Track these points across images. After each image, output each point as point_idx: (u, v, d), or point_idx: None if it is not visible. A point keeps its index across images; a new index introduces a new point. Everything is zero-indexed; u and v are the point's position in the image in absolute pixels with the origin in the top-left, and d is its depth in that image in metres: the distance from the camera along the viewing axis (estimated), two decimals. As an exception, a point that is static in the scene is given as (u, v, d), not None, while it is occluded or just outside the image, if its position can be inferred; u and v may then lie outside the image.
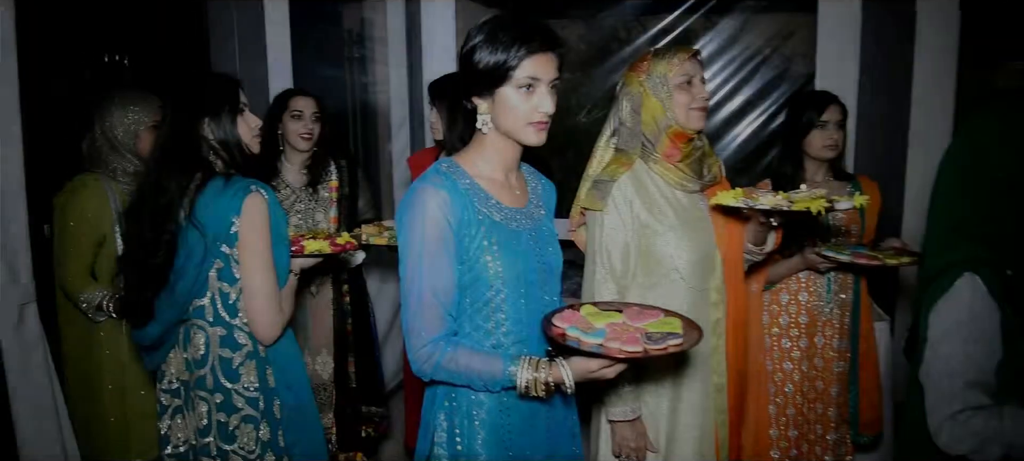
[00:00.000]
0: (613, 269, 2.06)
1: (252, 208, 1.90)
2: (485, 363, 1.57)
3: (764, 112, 4.28)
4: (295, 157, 3.04)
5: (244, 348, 1.99)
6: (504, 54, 1.55)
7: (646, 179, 2.09)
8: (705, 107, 2.07)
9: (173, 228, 1.91)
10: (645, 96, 2.08)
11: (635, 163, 2.10)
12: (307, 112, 2.96)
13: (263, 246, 1.92)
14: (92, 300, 2.59)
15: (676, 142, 2.07)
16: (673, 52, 2.08)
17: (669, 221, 2.06)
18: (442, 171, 1.65)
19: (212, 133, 1.97)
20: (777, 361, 2.77)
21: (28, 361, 2.26)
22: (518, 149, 1.70)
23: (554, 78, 1.60)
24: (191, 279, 1.92)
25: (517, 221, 1.70)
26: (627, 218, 2.05)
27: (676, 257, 2.05)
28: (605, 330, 1.59)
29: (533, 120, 1.59)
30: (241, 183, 1.93)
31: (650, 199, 2.07)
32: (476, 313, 1.65)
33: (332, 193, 3.09)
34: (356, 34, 4.91)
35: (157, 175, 1.93)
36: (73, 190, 2.66)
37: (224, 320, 1.97)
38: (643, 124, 2.09)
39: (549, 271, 1.76)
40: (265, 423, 2.01)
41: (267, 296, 1.94)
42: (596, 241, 2.08)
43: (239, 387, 1.99)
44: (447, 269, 1.59)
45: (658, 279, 2.07)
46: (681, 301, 2.01)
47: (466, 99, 1.67)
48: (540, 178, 1.90)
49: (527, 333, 1.69)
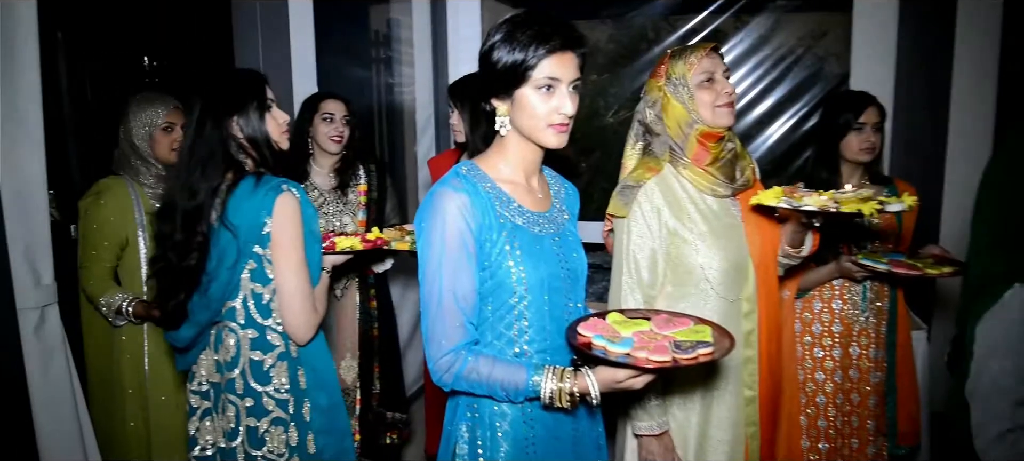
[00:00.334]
0: (640, 279, 1.99)
1: (284, 208, 1.87)
2: (508, 373, 1.52)
3: (796, 114, 4.19)
4: (324, 160, 3.01)
5: (276, 349, 1.97)
6: (523, 53, 1.49)
7: (675, 185, 2.02)
8: (731, 102, 1.99)
9: (205, 230, 1.89)
10: (667, 101, 2.01)
11: (663, 168, 2.03)
12: (338, 115, 2.94)
13: (296, 246, 1.90)
14: (112, 304, 2.59)
15: (705, 143, 1.99)
16: (690, 50, 2.01)
17: (699, 229, 1.98)
18: (462, 174, 1.60)
19: (240, 131, 1.94)
20: (809, 371, 2.68)
21: (49, 363, 2.25)
22: (539, 152, 1.65)
23: (575, 78, 1.54)
24: (224, 281, 1.90)
25: (540, 225, 1.65)
26: (654, 226, 1.98)
27: (706, 267, 1.97)
28: (632, 339, 1.54)
29: (553, 122, 1.54)
30: (272, 183, 1.90)
31: (679, 206, 2.00)
32: (498, 321, 1.60)
33: (360, 197, 3.07)
34: (383, 35, 4.91)
35: (186, 176, 1.90)
36: (97, 193, 2.66)
37: (256, 322, 1.95)
38: (668, 129, 2.02)
39: (573, 277, 1.70)
40: (294, 426, 1.99)
41: (302, 296, 1.91)
42: (623, 249, 2.01)
43: (270, 389, 1.96)
44: (468, 275, 1.54)
45: (687, 289, 2.00)
46: (711, 312, 1.94)
47: (485, 100, 1.62)
48: (563, 182, 1.85)
49: (551, 342, 1.63)
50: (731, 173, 2.05)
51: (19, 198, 2.17)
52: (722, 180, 2.02)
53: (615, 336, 1.55)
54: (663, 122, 2.02)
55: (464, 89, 3.02)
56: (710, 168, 2.01)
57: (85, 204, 2.65)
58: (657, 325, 1.62)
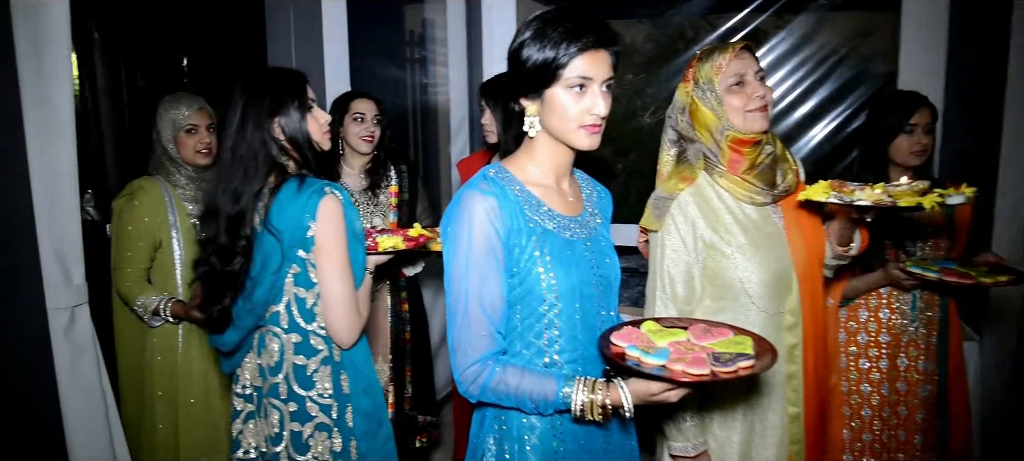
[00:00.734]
0: (675, 295, 1.91)
1: (328, 211, 1.84)
2: (537, 384, 1.45)
3: (840, 115, 4.06)
4: (355, 161, 2.98)
5: (320, 353, 1.94)
6: (553, 51, 1.43)
7: (710, 194, 1.93)
8: (765, 106, 1.88)
9: (248, 234, 1.87)
10: (695, 106, 1.92)
11: (698, 176, 1.94)
12: (369, 115, 2.90)
13: (340, 249, 1.86)
14: (148, 305, 2.59)
15: (739, 150, 1.89)
16: (718, 51, 1.90)
17: (737, 241, 1.89)
18: (490, 176, 1.54)
19: (282, 132, 1.90)
20: (854, 383, 2.57)
21: (79, 363, 2.25)
22: (570, 153, 1.58)
23: (608, 78, 1.48)
24: (268, 286, 1.87)
25: (571, 230, 1.58)
26: (689, 240, 1.89)
27: (746, 281, 1.87)
28: (668, 350, 1.46)
29: (585, 123, 1.47)
30: (315, 185, 1.87)
31: (715, 217, 1.90)
32: (527, 330, 1.54)
33: (391, 198, 3.03)
34: (418, 35, 4.89)
35: (229, 179, 1.88)
36: (131, 194, 2.66)
37: (300, 326, 1.92)
38: (700, 136, 1.93)
39: (606, 284, 1.63)
40: (337, 431, 1.96)
41: (346, 300, 1.88)
42: (657, 264, 1.93)
43: (313, 394, 1.93)
44: (495, 282, 1.48)
45: (726, 303, 1.90)
46: (752, 327, 1.82)
47: (514, 100, 1.56)
48: (595, 185, 1.77)
49: (582, 351, 1.56)
50: (771, 179, 1.94)
51: (50, 198, 2.17)
52: (761, 187, 1.92)
53: (650, 346, 1.48)
54: (694, 129, 1.94)
55: (496, 88, 2.97)
56: (747, 175, 1.91)
57: (119, 205, 2.65)
58: (694, 335, 1.54)
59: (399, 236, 2.21)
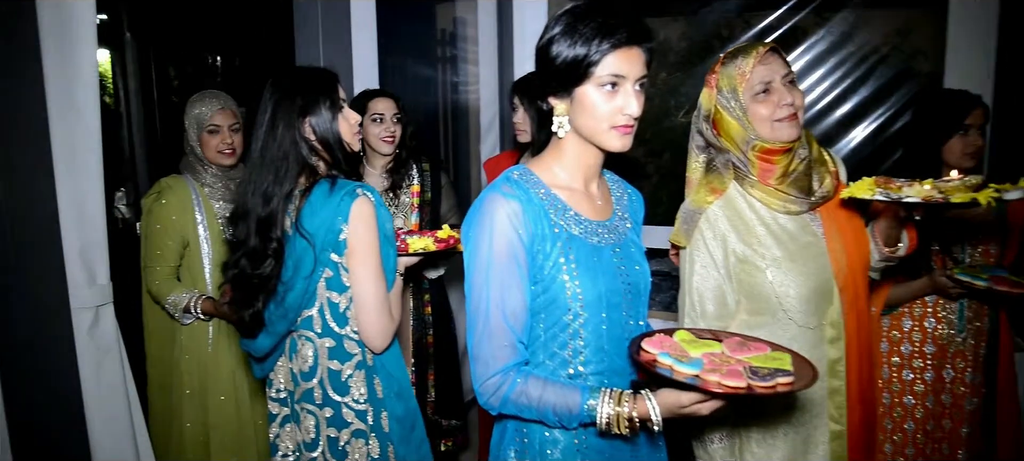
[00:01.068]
0: (705, 313, 1.82)
1: (360, 213, 1.80)
2: (560, 395, 1.39)
3: (882, 115, 3.92)
4: (377, 161, 2.94)
5: (354, 358, 1.91)
6: (585, 48, 1.36)
7: (742, 205, 1.83)
8: (794, 114, 1.76)
9: (279, 236, 1.83)
10: (719, 115, 1.81)
11: (728, 187, 1.85)
12: (388, 114, 2.85)
13: (373, 252, 1.82)
14: (178, 302, 2.58)
15: (768, 160, 1.79)
16: (742, 55, 1.78)
17: (771, 254, 1.79)
18: (513, 179, 1.47)
19: (313, 132, 1.87)
20: (896, 394, 2.47)
21: (103, 363, 2.24)
22: (600, 155, 1.51)
23: (641, 76, 1.40)
24: (301, 291, 1.84)
25: (599, 235, 1.51)
26: (719, 256, 1.80)
27: (783, 295, 1.77)
28: (702, 360, 1.39)
29: (617, 123, 1.40)
30: (347, 187, 1.83)
31: (747, 229, 1.81)
32: (551, 340, 1.47)
33: (413, 198, 2.97)
34: (449, 33, 4.86)
35: (259, 180, 1.84)
36: (159, 192, 2.66)
37: (333, 331, 1.89)
38: (726, 145, 1.83)
39: (635, 292, 1.55)
40: (374, 437, 1.92)
41: (379, 303, 1.84)
42: (686, 281, 1.85)
43: (349, 400, 1.90)
44: (518, 290, 1.41)
45: (763, 319, 1.81)
46: (790, 342, 1.73)
47: (542, 99, 1.49)
48: (626, 187, 1.69)
49: (609, 363, 1.49)
50: (807, 185, 1.83)
51: (76, 198, 2.16)
52: (796, 195, 1.81)
53: (683, 355, 1.41)
54: (720, 138, 1.84)
55: (530, 86, 2.92)
56: (780, 185, 1.80)
57: (147, 203, 2.65)
58: (730, 348, 1.46)
59: (429, 238, 2.16)
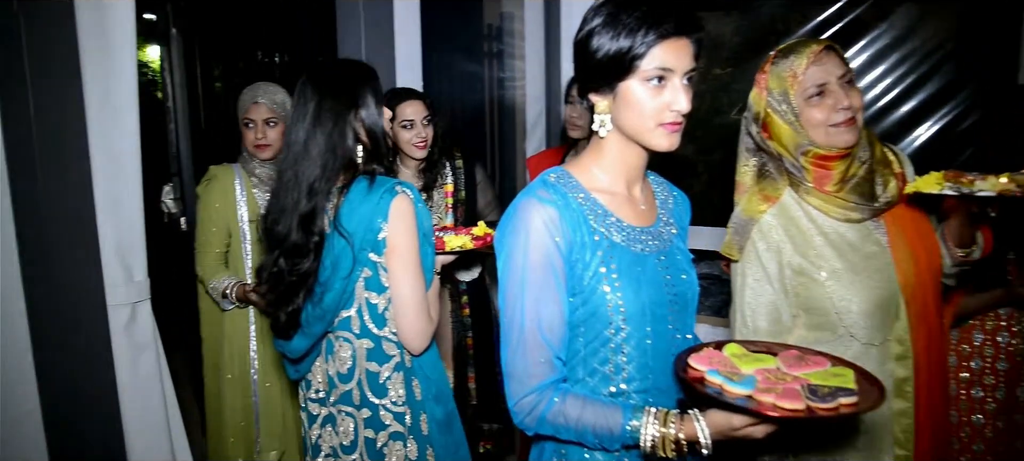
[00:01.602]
0: (757, 331, 1.70)
1: (399, 211, 1.75)
2: (601, 415, 1.29)
3: (949, 113, 3.72)
4: (410, 162, 2.86)
5: (392, 359, 1.85)
6: (629, 40, 1.25)
7: (797, 214, 1.71)
8: (852, 118, 1.63)
9: (322, 230, 1.78)
10: (769, 119, 1.69)
11: (782, 194, 1.72)
12: (417, 118, 2.73)
13: (412, 252, 1.77)
14: (218, 287, 2.63)
15: (824, 166, 1.66)
16: (794, 54, 1.65)
17: (830, 266, 1.66)
18: (550, 182, 1.37)
19: (362, 125, 1.81)
20: (964, 412, 2.31)
21: (138, 360, 2.22)
22: (644, 155, 1.40)
23: (690, 69, 1.29)
24: (339, 291, 1.79)
25: (643, 242, 1.40)
26: (773, 269, 1.68)
27: (843, 310, 1.65)
28: (755, 377, 1.28)
29: (664, 120, 1.29)
30: (387, 184, 1.77)
31: (804, 239, 1.69)
32: (591, 355, 1.37)
33: (447, 198, 2.89)
34: (496, 28, 4.80)
35: (303, 174, 1.77)
36: (208, 179, 2.73)
37: (371, 332, 1.83)
38: (777, 149, 1.71)
39: (682, 304, 1.44)
40: (412, 439, 1.87)
41: (418, 303, 1.79)
42: (738, 296, 1.74)
43: (387, 402, 1.85)
44: (555, 302, 1.31)
45: (822, 334, 1.68)
46: (852, 360, 1.61)
47: (582, 95, 1.39)
48: (671, 189, 1.58)
49: (654, 381, 1.38)
50: (868, 191, 1.70)
51: (113, 196, 2.14)
52: (856, 202, 1.68)
53: (734, 372, 1.30)
54: (771, 142, 1.71)
55: None
56: (839, 191, 1.67)
57: (199, 190, 2.73)
58: (785, 363, 1.35)
59: (466, 235, 2.09)
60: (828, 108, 1.62)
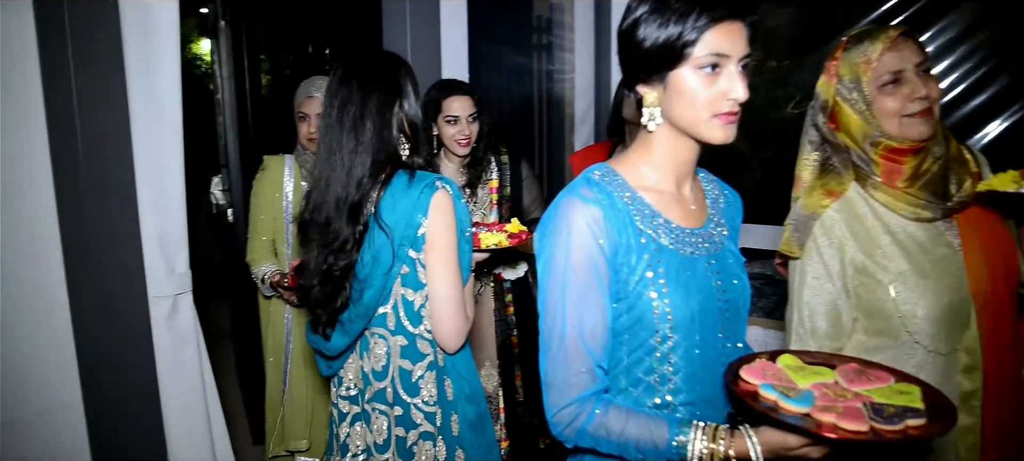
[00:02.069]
0: (815, 331, 1.60)
1: (439, 207, 1.70)
2: (645, 428, 1.21)
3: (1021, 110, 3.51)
4: (454, 157, 2.80)
5: (426, 358, 1.81)
6: (679, 26, 1.17)
7: (863, 210, 1.60)
8: (928, 109, 1.52)
9: (367, 222, 1.73)
10: (839, 108, 1.59)
11: (847, 189, 1.62)
12: (463, 115, 2.66)
13: (451, 248, 1.73)
14: (258, 274, 2.72)
15: (896, 160, 1.56)
16: (868, 40, 1.55)
17: (897, 266, 1.55)
18: (594, 180, 1.30)
19: (406, 117, 1.78)
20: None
21: (180, 353, 2.22)
22: (696, 150, 1.31)
23: (745, 55, 1.20)
24: (379, 288, 1.75)
25: (692, 245, 1.31)
26: (835, 267, 1.58)
27: (908, 315, 1.54)
28: (813, 393, 1.19)
29: (720, 110, 1.20)
30: (427, 179, 1.73)
31: (869, 237, 1.58)
32: (636, 365, 1.29)
33: (491, 194, 2.83)
34: (545, 20, 4.72)
35: (349, 167, 1.72)
36: (262, 168, 2.80)
37: (406, 329, 1.79)
38: (845, 142, 1.60)
39: (734, 311, 1.35)
40: (441, 439, 1.83)
41: (456, 301, 1.74)
42: (796, 294, 1.64)
43: (418, 401, 1.81)
44: (598, 308, 1.23)
45: (884, 340, 1.58)
46: (916, 369, 1.50)
47: (629, 87, 1.31)
48: (722, 187, 1.48)
49: (702, 393, 1.30)
50: (941, 188, 1.58)
51: (155, 186, 2.13)
52: (928, 200, 1.57)
53: (790, 387, 1.21)
54: (838, 134, 1.61)
55: None
56: (909, 188, 1.57)
57: (254, 179, 2.80)
58: (845, 378, 1.25)
59: (502, 233, 2.03)
60: (903, 97, 1.53)
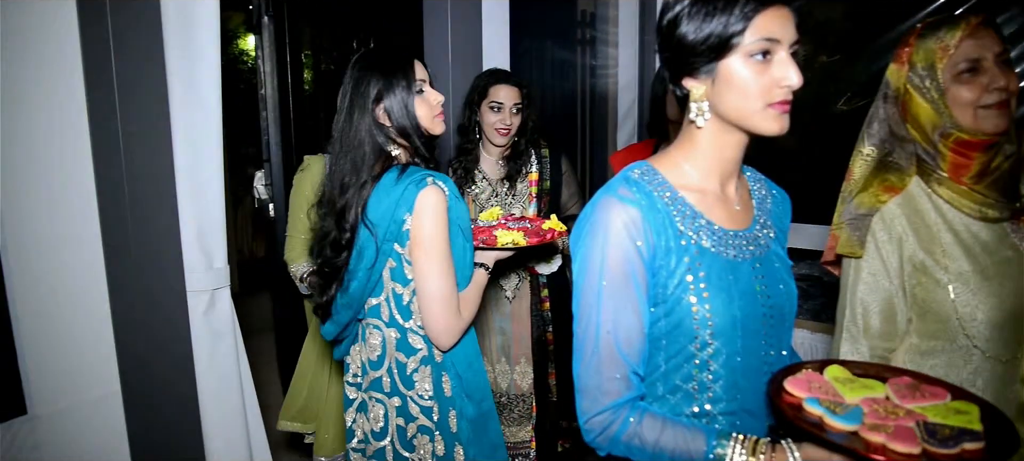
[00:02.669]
0: (868, 329, 1.53)
1: (426, 204, 1.68)
2: (681, 439, 1.16)
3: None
4: (493, 148, 2.78)
5: (419, 352, 1.81)
6: (726, 14, 1.11)
7: (925, 206, 1.52)
8: (1005, 102, 1.44)
9: (354, 226, 1.76)
10: (909, 97, 1.51)
11: (908, 184, 1.54)
12: (508, 104, 2.65)
13: (438, 246, 1.70)
14: (296, 272, 2.75)
15: (964, 154, 1.48)
16: (946, 27, 1.47)
17: (958, 267, 1.47)
18: (633, 179, 1.24)
19: (388, 118, 1.76)
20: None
21: (216, 347, 2.23)
22: (743, 145, 1.25)
23: (794, 40, 1.14)
24: (363, 280, 1.77)
25: (736, 248, 1.25)
26: (894, 263, 1.51)
27: (967, 318, 1.46)
28: (861, 409, 1.12)
29: (773, 99, 1.14)
30: (416, 176, 1.71)
31: (930, 234, 1.50)
32: (674, 371, 1.23)
33: (531, 187, 2.78)
34: (590, 14, 4.66)
35: (339, 169, 1.77)
36: (302, 168, 2.82)
37: (398, 323, 1.80)
38: (912, 133, 1.53)
39: (779, 317, 1.29)
40: (440, 436, 1.82)
41: (442, 300, 1.71)
42: (849, 289, 1.56)
43: (414, 394, 1.81)
44: (634, 313, 1.19)
45: (939, 344, 1.50)
46: (972, 376, 1.43)
47: (674, 83, 1.25)
48: (770, 186, 1.41)
49: (743, 401, 1.24)
50: (1010, 188, 1.50)
51: (194, 181, 2.14)
52: (995, 199, 1.49)
53: (837, 402, 1.14)
54: (905, 125, 1.53)
55: None
56: (976, 185, 1.49)
57: (295, 178, 2.83)
58: (897, 393, 1.18)
59: (519, 231, 1.99)
60: (980, 87, 1.45)
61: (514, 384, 2.86)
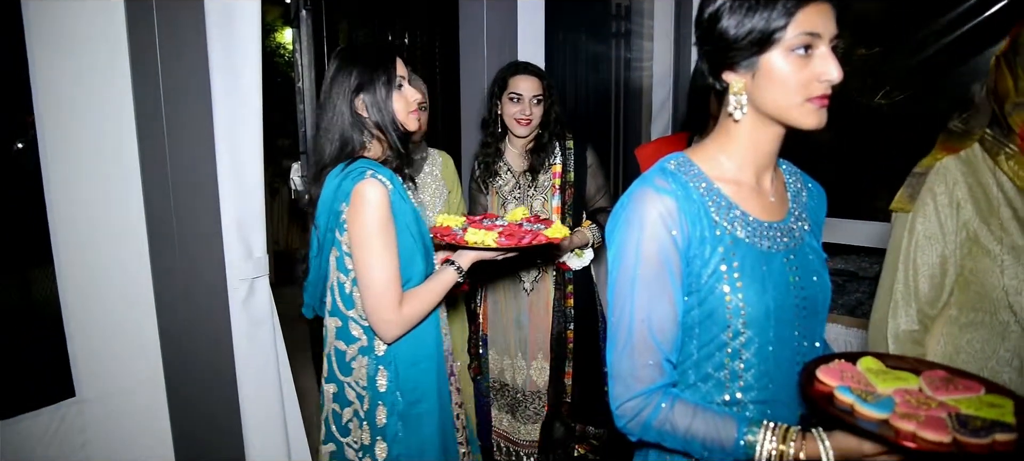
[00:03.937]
0: (917, 292, 1.52)
1: (361, 197, 1.70)
2: (712, 426, 1.17)
3: None
4: (516, 140, 2.76)
5: (357, 342, 1.85)
6: (768, 9, 1.12)
7: (986, 175, 1.51)
8: None
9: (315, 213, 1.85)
10: (999, 69, 1.50)
11: (970, 146, 1.53)
12: (527, 95, 2.63)
13: (372, 239, 1.71)
14: None
15: None
16: None
17: (1011, 242, 1.46)
18: (669, 170, 1.26)
19: (366, 111, 1.80)
20: None
21: (255, 336, 2.28)
22: (780, 138, 1.25)
23: (836, 34, 1.15)
24: (314, 268, 1.90)
25: (770, 239, 1.26)
26: (950, 225, 1.50)
27: (1013, 292, 1.45)
28: (893, 399, 1.12)
29: (813, 94, 1.15)
30: (357, 169, 1.74)
31: (988, 203, 1.49)
32: (706, 360, 1.25)
33: (554, 179, 2.74)
34: (624, 8, 4.64)
35: (317, 159, 1.83)
36: None
37: (340, 310, 1.85)
38: (991, 103, 1.52)
39: (811, 308, 1.29)
40: (367, 426, 1.85)
41: (377, 293, 1.73)
42: (901, 249, 1.56)
43: (351, 381, 1.86)
44: (668, 302, 1.20)
45: (978, 317, 1.49)
46: (1009, 355, 1.42)
47: (714, 76, 1.26)
48: (805, 180, 1.42)
49: (774, 391, 1.25)
50: None
51: (234, 172, 2.19)
52: None
53: (869, 391, 1.15)
54: (988, 98, 1.53)
55: None
56: None
57: None
58: (930, 385, 1.18)
59: (493, 231, 1.96)
60: None
61: (530, 380, 2.80)
